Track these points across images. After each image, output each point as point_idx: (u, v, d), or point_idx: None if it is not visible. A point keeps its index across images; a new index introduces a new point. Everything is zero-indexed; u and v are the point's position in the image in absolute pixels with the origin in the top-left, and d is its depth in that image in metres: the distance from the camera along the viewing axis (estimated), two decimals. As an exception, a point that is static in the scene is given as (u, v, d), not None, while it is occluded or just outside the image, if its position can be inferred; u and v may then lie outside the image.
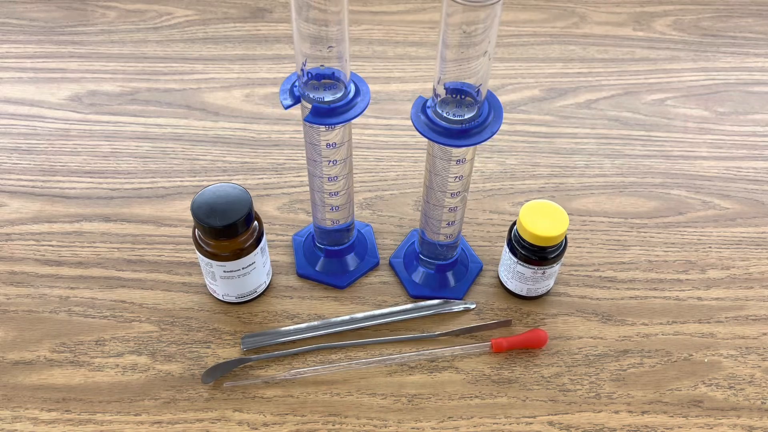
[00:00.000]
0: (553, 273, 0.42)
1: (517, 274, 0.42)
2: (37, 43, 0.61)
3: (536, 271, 0.41)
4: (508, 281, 0.43)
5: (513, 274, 0.42)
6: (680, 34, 0.65)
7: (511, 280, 0.43)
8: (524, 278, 0.42)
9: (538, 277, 0.41)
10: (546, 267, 0.41)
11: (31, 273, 0.45)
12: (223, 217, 0.38)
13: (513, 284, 0.43)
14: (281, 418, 0.39)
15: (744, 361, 0.42)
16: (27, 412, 0.39)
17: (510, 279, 0.43)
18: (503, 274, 0.43)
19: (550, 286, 0.43)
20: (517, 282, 0.42)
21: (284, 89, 0.36)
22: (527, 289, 0.42)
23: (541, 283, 0.42)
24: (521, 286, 0.42)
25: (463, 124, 0.34)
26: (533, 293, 0.43)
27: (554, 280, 0.43)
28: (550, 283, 0.43)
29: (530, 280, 0.42)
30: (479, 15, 0.30)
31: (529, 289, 0.42)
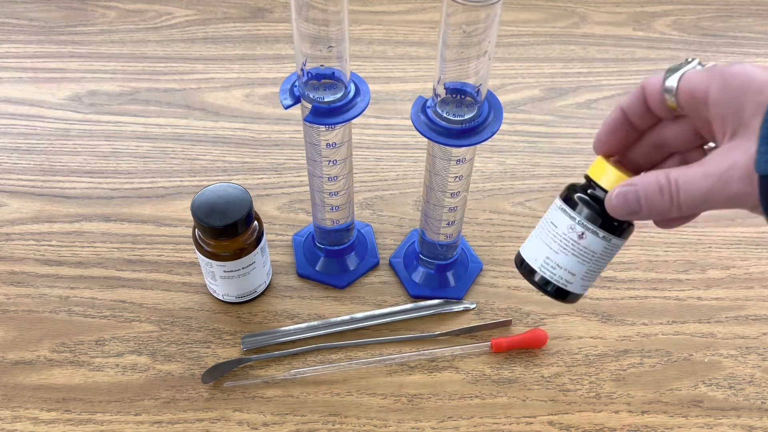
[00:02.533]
0: (589, 253, 0.30)
1: (547, 227, 0.30)
2: (37, 42, 0.61)
3: (575, 226, 0.29)
4: (528, 242, 0.31)
5: (541, 229, 0.31)
6: (680, 34, 0.64)
7: (532, 240, 0.31)
8: (552, 234, 0.30)
9: (570, 242, 0.29)
10: (591, 227, 0.29)
11: (31, 273, 0.45)
12: (223, 217, 0.38)
13: (531, 246, 0.31)
14: (281, 418, 0.39)
15: (744, 361, 0.42)
16: (27, 412, 0.39)
17: (532, 238, 0.31)
18: (541, 259, 0.30)
19: (572, 280, 0.30)
20: (537, 242, 0.30)
21: (284, 89, 0.36)
22: (543, 259, 0.30)
23: (567, 260, 0.30)
24: (539, 249, 0.30)
25: (463, 124, 0.34)
26: (546, 272, 0.30)
27: (583, 281, 0.31)
28: (575, 272, 0.30)
29: (558, 240, 0.30)
30: (479, 15, 0.29)
31: (547, 261, 0.30)
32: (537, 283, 0.31)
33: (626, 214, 0.27)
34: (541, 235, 0.31)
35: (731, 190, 0.24)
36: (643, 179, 0.27)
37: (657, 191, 0.26)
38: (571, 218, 0.29)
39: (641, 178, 0.27)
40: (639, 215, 0.27)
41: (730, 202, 0.25)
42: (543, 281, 0.31)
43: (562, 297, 0.31)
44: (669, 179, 0.26)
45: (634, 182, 0.27)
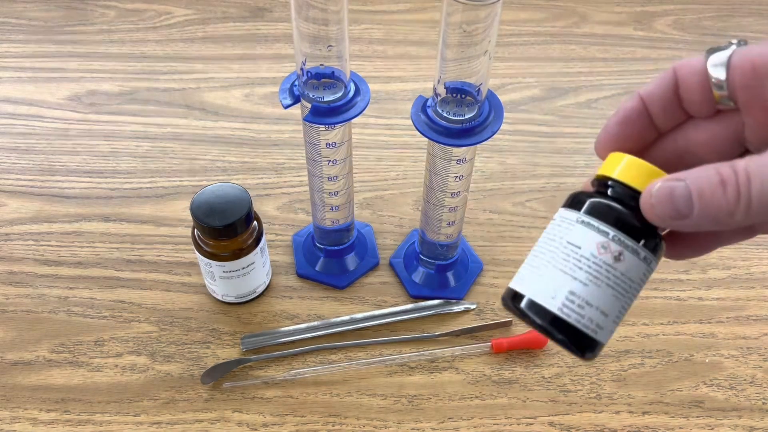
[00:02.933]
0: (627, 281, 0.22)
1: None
2: (37, 42, 0.61)
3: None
4: (534, 272, 0.22)
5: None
6: (681, 33, 0.64)
7: (543, 267, 0.22)
8: (625, 286, 0.22)
9: (603, 268, 0.22)
10: (631, 243, 0.22)
11: (30, 273, 0.45)
12: (223, 216, 0.38)
13: (543, 276, 0.22)
14: (281, 418, 0.39)
15: (745, 362, 0.42)
16: (26, 413, 0.39)
17: (539, 266, 0.22)
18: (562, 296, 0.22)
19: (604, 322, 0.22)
20: (552, 270, 0.22)
21: (284, 88, 0.36)
22: (565, 295, 0.22)
23: (599, 294, 0.22)
24: (556, 281, 0.22)
25: (464, 124, 0.34)
26: (572, 312, 0.22)
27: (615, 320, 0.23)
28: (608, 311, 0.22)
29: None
30: (479, 14, 0.29)
31: (571, 296, 0.22)
32: (555, 331, 0.21)
33: (670, 217, 0.20)
34: (555, 261, 0.22)
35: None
36: (694, 172, 0.20)
37: (717, 184, 0.19)
38: (603, 233, 0.21)
39: (690, 171, 0.20)
40: (687, 220, 0.20)
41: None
42: (565, 327, 0.21)
43: (589, 349, 0.22)
44: (736, 169, 0.19)
45: (681, 176, 0.20)
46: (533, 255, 0.23)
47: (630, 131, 0.23)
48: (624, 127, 0.23)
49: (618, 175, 0.22)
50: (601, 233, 0.22)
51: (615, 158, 0.23)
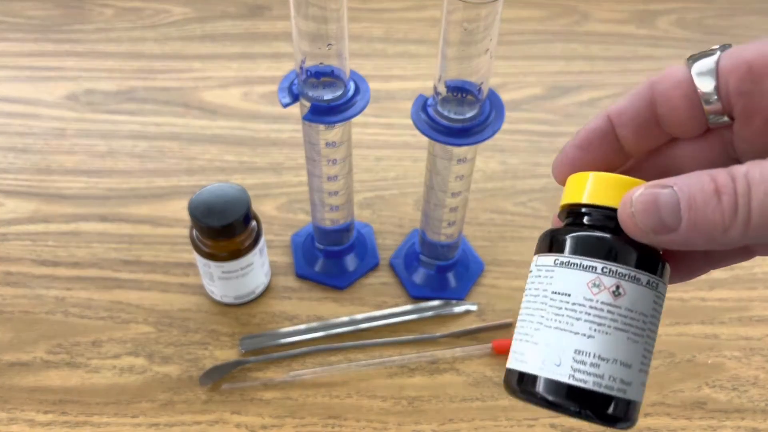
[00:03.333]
0: (638, 320, 0.18)
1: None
2: (34, 41, 0.61)
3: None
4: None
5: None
6: (683, 32, 0.64)
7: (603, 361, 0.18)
8: (638, 324, 0.18)
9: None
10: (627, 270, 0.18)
11: (27, 273, 0.45)
12: (221, 217, 0.37)
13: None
14: (280, 420, 0.38)
15: (748, 363, 0.41)
16: (23, 414, 0.38)
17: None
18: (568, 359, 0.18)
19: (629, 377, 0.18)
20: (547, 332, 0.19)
21: (283, 87, 0.35)
22: (640, 362, 0.18)
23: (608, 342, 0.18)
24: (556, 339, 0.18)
25: (465, 123, 0.33)
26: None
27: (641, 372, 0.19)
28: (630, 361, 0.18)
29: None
30: (480, 12, 0.29)
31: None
32: (576, 405, 0.18)
33: (653, 230, 0.17)
34: (547, 320, 0.18)
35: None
36: (684, 178, 0.17)
37: (712, 193, 0.16)
38: (589, 269, 0.18)
39: (680, 177, 0.17)
40: (673, 235, 0.16)
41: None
42: (585, 397, 0.17)
43: (622, 413, 0.18)
44: (734, 176, 0.16)
45: (668, 182, 0.17)
46: (521, 322, 0.19)
47: (591, 157, 0.20)
48: (584, 152, 0.20)
49: (588, 198, 0.19)
50: (587, 270, 0.18)
51: (578, 180, 0.19)
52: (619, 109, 0.19)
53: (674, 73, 0.19)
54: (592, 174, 0.19)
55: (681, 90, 0.18)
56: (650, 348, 0.19)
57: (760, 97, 0.17)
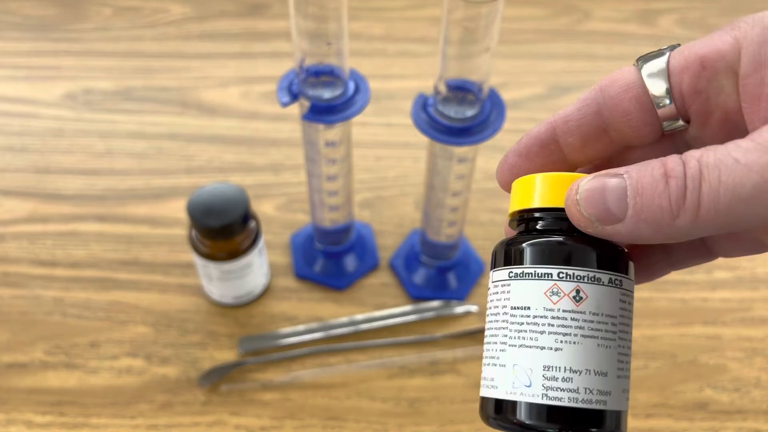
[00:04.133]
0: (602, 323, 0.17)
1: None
2: (32, 40, 0.60)
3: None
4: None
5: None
6: (685, 31, 0.64)
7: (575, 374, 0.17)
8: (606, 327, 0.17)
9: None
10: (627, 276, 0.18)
11: (25, 274, 0.45)
12: (220, 217, 0.37)
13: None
14: (279, 422, 0.38)
15: (750, 364, 0.41)
16: (21, 415, 0.38)
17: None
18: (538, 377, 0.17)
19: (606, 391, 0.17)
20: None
21: (282, 86, 0.35)
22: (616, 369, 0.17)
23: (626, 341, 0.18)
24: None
25: (465, 123, 0.33)
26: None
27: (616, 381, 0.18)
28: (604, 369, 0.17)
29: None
30: (481, 11, 0.29)
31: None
32: (554, 425, 0.17)
33: (599, 219, 0.16)
34: (510, 339, 0.17)
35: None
36: (636, 165, 0.16)
37: (660, 179, 0.15)
38: (545, 277, 0.17)
39: (632, 165, 0.16)
40: (620, 226, 0.15)
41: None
42: (563, 416, 0.16)
43: (608, 427, 0.17)
44: (685, 159, 0.15)
45: (620, 171, 0.16)
46: (486, 345, 0.18)
47: (531, 165, 0.19)
48: (524, 160, 0.19)
49: (536, 202, 0.18)
50: (543, 278, 0.17)
51: (523, 184, 0.19)
52: (565, 115, 0.18)
53: (623, 76, 0.18)
54: (539, 176, 0.18)
55: (631, 93, 0.17)
56: (626, 350, 0.17)
57: (716, 94, 0.16)
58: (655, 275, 0.20)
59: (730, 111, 0.16)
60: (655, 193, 0.15)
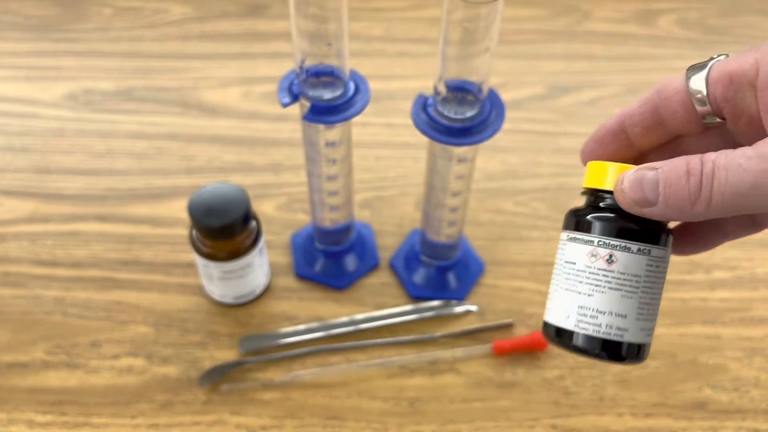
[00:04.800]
0: (631, 280, 0.22)
1: (566, 270, 0.23)
2: (33, 40, 0.60)
3: (596, 250, 0.22)
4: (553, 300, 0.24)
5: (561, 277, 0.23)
6: (685, 31, 0.64)
7: (557, 293, 0.23)
8: (575, 275, 0.23)
9: (600, 274, 0.22)
10: (618, 241, 0.22)
11: (26, 274, 0.45)
12: (221, 217, 0.37)
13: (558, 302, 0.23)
14: (279, 421, 0.38)
15: (749, 363, 0.41)
16: (22, 415, 0.38)
17: (555, 291, 0.23)
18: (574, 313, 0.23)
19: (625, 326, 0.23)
20: (563, 294, 0.23)
21: (282, 87, 0.35)
22: (576, 312, 0.23)
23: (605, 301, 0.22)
24: (567, 301, 0.23)
25: (465, 123, 0.33)
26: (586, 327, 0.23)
27: (639, 321, 0.23)
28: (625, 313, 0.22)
29: (585, 279, 0.23)
30: (481, 11, 0.29)
31: (581, 312, 0.23)
32: (581, 347, 0.22)
33: (637, 203, 0.21)
34: (561, 283, 0.23)
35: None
36: (669, 161, 0.20)
37: (683, 174, 0.19)
38: (588, 243, 0.22)
39: (666, 161, 0.20)
40: (653, 208, 0.20)
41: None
42: (587, 341, 0.22)
43: (620, 353, 0.22)
44: (703, 160, 0.19)
45: (657, 165, 0.20)
46: (551, 284, 0.24)
47: (604, 150, 0.24)
48: (599, 146, 0.24)
49: (592, 183, 0.23)
50: (587, 243, 0.23)
51: (591, 168, 0.24)
52: (629, 111, 0.23)
53: (675, 82, 0.23)
54: (598, 163, 0.23)
55: (679, 97, 0.22)
56: (650, 301, 0.22)
57: (741, 102, 0.21)
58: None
59: (754, 115, 0.21)
60: (678, 186, 0.20)
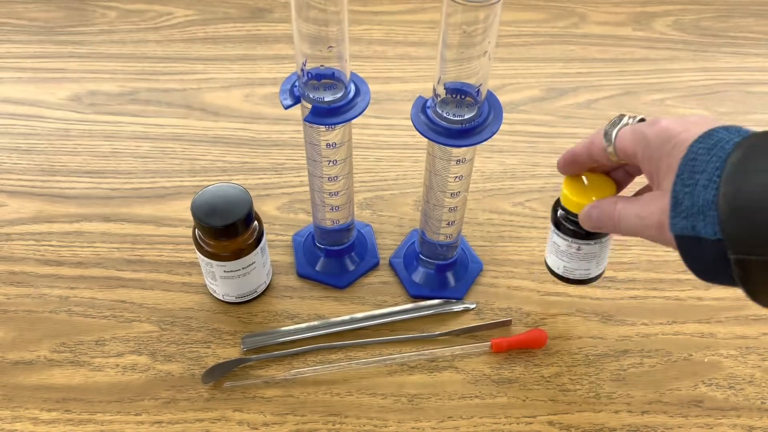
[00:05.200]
0: (590, 255, 0.38)
1: (553, 246, 0.39)
2: (37, 43, 0.61)
3: (570, 244, 0.38)
4: (548, 256, 0.40)
5: (551, 246, 0.39)
6: (680, 34, 0.64)
7: (550, 254, 0.40)
8: (559, 251, 0.39)
9: (573, 254, 0.38)
10: (580, 242, 0.37)
11: (31, 273, 0.45)
12: (223, 217, 0.38)
13: (551, 259, 0.40)
14: (281, 418, 0.39)
15: (744, 361, 0.42)
16: (27, 412, 0.39)
17: (548, 254, 0.40)
18: (546, 249, 0.40)
19: (589, 272, 0.39)
20: (553, 256, 0.39)
21: (284, 89, 0.36)
22: (563, 267, 0.39)
23: (577, 263, 0.38)
24: (557, 261, 0.39)
25: (463, 124, 0.34)
26: (569, 274, 0.39)
27: (597, 268, 0.39)
28: (589, 267, 0.39)
29: (565, 255, 0.38)
30: (479, 15, 0.29)
31: (565, 268, 0.39)
32: (567, 281, 0.40)
33: (592, 228, 0.33)
34: (553, 250, 0.39)
35: (650, 234, 0.29)
36: (602, 203, 0.32)
37: (608, 217, 0.32)
38: (565, 240, 0.38)
39: (603, 201, 0.32)
40: (601, 230, 0.33)
41: (653, 240, 0.29)
42: (570, 280, 0.40)
43: (590, 282, 0.40)
44: (616, 209, 0.31)
45: (597, 205, 0.33)
46: (548, 244, 0.40)
47: (576, 168, 0.35)
48: (567, 166, 0.35)
49: (564, 203, 0.36)
50: (565, 240, 0.38)
51: (565, 187, 0.36)
52: (575, 150, 0.34)
53: (597, 142, 0.33)
54: (569, 191, 0.35)
55: (602, 151, 0.33)
56: (601, 257, 0.39)
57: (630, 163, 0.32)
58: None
59: None
60: (607, 223, 0.32)
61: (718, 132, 0.27)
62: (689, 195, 0.26)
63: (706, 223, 0.26)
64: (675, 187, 0.27)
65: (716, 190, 0.26)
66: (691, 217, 0.26)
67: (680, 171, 0.27)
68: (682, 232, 0.27)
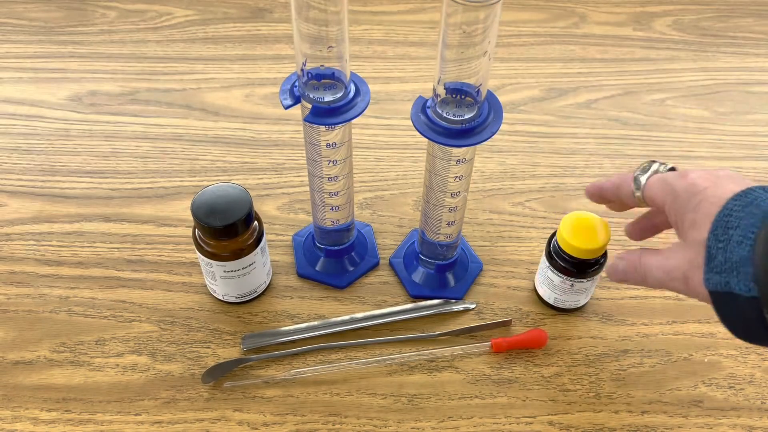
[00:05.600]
0: (581, 289, 0.41)
1: (547, 279, 0.42)
2: (37, 43, 0.61)
3: (564, 281, 0.41)
4: (539, 285, 0.44)
5: (544, 279, 0.42)
6: (680, 34, 0.65)
7: (542, 285, 0.43)
8: (552, 285, 0.42)
9: (566, 289, 0.41)
10: (574, 279, 0.41)
11: (31, 273, 0.45)
12: (224, 217, 0.38)
13: (542, 289, 0.43)
14: (281, 418, 0.39)
15: (744, 361, 0.42)
16: (27, 412, 0.39)
17: (540, 283, 0.43)
18: (537, 276, 0.44)
19: (578, 302, 0.43)
20: (546, 288, 0.43)
21: (284, 89, 0.36)
22: (554, 299, 0.43)
23: (569, 296, 0.42)
24: (549, 293, 0.43)
25: (463, 124, 0.34)
26: (560, 304, 0.43)
27: (586, 298, 0.43)
28: (578, 299, 0.42)
29: (558, 289, 0.42)
30: (479, 15, 0.30)
31: (557, 299, 0.43)
32: (556, 309, 0.44)
33: (618, 281, 0.34)
34: (545, 282, 0.42)
35: (676, 286, 0.30)
36: (628, 255, 0.33)
37: (633, 270, 0.32)
38: (560, 276, 0.41)
39: (629, 253, 0.33)
40: (627, 283, 0.34)
41: (680, 292, 0.30)
42: (561, 308, 0.43)
43: (576, 309, 0.44)
44: (641, 262, 0.32)
45: (623, 257, 0.33)
46: (539, 272, 0.43)
47: (597, 200, 0.37)
48: (594, 197, 0.37)
49: (562, 245, 0.40)
50: (559, 276, 0.41)
51: (563, 227, 0.40)
52: (602, 187, 0.36)
53: (625, 186, 0.34)
54: (568, 235, 0.39)
55: (631, 196, 0.34)
56: (590, 290, 0.43)
57: (656, 211, 0.35)
58: None
59: None
60: (633, 277, 0.33)
61: (755, 191, 0.27)
62: (722, 250, 0.26)
63: (740, 279, 0.26)
64: (708, 243, 0.27)
65: (751, 247, 0.26)
66: (725, 272, 0.26)
67: (714, 227, 0.27)
68: (716, 288, 0.27)
